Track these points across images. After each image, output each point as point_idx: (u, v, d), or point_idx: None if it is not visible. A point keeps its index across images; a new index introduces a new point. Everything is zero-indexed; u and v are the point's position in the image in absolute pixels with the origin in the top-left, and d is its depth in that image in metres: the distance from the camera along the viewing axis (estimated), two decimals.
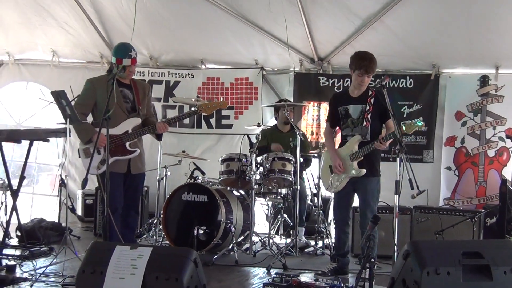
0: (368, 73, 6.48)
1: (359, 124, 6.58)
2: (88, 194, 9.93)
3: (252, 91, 10.30)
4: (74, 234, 8.42)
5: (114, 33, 10.22)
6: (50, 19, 9.98)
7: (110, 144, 6.18)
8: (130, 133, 6.51)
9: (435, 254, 4.49)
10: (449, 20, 8.47)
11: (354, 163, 6.51)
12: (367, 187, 6.56)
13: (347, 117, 6.67)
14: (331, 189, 6.80)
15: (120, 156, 6.48)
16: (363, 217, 6.55)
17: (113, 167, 6.31)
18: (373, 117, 6.56)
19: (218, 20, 9.45)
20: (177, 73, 10.61)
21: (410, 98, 9.50)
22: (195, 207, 7.77)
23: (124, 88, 6.61)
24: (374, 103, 6.56)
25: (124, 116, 6.52)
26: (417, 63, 9.45)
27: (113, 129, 6.33)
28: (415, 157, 9.31)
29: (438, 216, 7.83)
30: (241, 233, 7.96)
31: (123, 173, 6.55)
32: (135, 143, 6.60)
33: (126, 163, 6.55)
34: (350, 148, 6.56)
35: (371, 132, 6.57)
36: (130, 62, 6.48)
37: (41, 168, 11.26)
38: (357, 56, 6.59)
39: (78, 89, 6.89)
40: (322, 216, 8.35)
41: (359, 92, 6.66)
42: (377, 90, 6.70)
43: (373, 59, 6.52)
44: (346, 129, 6.69)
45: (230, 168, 7.89)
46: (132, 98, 6.66)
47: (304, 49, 9.77)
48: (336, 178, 6.71)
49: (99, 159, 6.41)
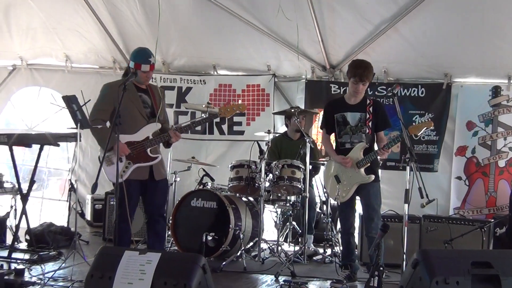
0: (362, 81, 6.52)
1: (358, 132, 6.66)
2: (97, 199, 9.93)
3: (264, 97, 10.30)
4: (83, 239, 8.42)
5: (127, 38, 10.27)
6: (64, 24, 10.06)
7: (132, 151, 6.20)
8: (151, 139, 6.35)
9: (444, 263, 4.48)
10: (462, 29, 8.45)
11: (361, 170, 6.54)
12: (370, 191, 6.59)
13: (345, 124, 6.72)
14: (339, 199, 6.75)
15: (143, 163, 6.32)
16: (368, 221, 6.57)
17: (133, 174, 6.26)
18: (372, 125, 6.65)
19: (231, 25, 9.47)
20: (189, 79, 10.60)
21: (422, 107, 9.45)
22: (204, 213, 7.79)
23: (142, 93, 6.48)
24: (373, 112, 6.64)
25: (144, 122, 6.38)
26: (429, 72, 9.40)
27: (134, 135, 6.27)
28: (426, 166, 9.27)
29: (448, 225, 7.81)
30: (249, 240, 7.97)
31: (143, 180, 6.39)
32: (156, 149, 6.46)
33: (148, 169, 6.38)
34: (356, 155, 6.58)
35: (372, 139, 6.68)
36: (148, 68, 6.35)
37: (51, 173, 11.29)
38: (353, 63, 6.67)
39: (89, 94, 6.90)
40: (331, 224, 8.32)
41: (356, 100, 6.73)
42: (374, 100, 6.84)
43: (369, 67, 6.55)
44: (344, 136, 6.74)
45: (240, 174, 7.89)
46: (151, 103, 6.52)
47: (316, 56, 9.76)
48: (343, 188, 6.70)
49: (121, 166, 6.22)
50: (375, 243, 5.23)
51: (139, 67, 6.30)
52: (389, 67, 9.49)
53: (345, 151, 6.71)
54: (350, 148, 6.67)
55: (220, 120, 10.31)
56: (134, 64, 6.33)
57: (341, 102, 6.86)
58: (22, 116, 11.13)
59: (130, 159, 6.23)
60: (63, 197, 8.66)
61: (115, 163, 5.97)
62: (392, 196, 9.03)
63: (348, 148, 6.70)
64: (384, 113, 6.77)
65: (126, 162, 6.23)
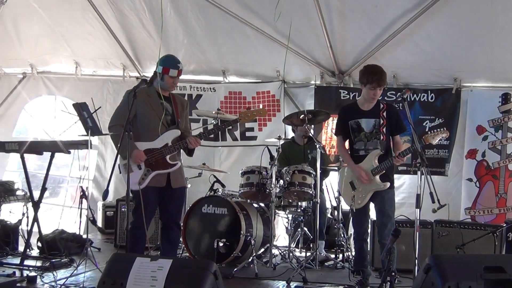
0: (380, 86, 6.51)
1: (373, 138, 6.61)
2: (108, 206, 9.95)
3: (274, 103, 10.30)
4: (95, 246, 8.45)
5: (136, 45, 10.31)
6: (73, 31, 10.10)
7: (151, 158, 6.22)
8: (170, 146, 6.34)
9: (457, 268, 4.47)
10: (472, 33, 8.45)
11: (376, 177, 6.51)
12: (385, 198, 6.56)
13: (359, 131, 6.68)
14: (355, 206, 6.70)
15: (162, 170, 6.33)
16: (382, 228, 6.54)
17: (152, 181, 6.27)
18: (387, 131, 6.62)
19: (239, 30, 9.49)
20: (199, 87, 10.63)
21: (432, 112, 9.46)
22: (215, 219, 7.79)
23: (164, 100, 6.48)
24: (387, 117, 6.62)
25: (164, 129, 6.37)
26: (438, 77, 9.38)
27: (153, 142, 6.30)
28: (437, 170, 9.28)
29: (459, 230, 7.77)
30: (261, 246, 7.95)
31: (161, 187, 6.39)
32: (175, 156, 6.45)
33: (165, 176, 6.38)
34: (370, 162, 6.55)
35: (387, 146, 6.65)
36: (176, 74, 6.39)
37: (62, 180, 11.33)
38: (368, 70, 6.65)
39: (100, 101, 6.92)
40: (342, 230, 8.30)
41: (370, 106, 6.69)
42: (388, 104, 6.78)
43: (384, 72, 6.57)
44: (358, 143, 6.69)
45: (251, 181, 7.86)
46: (172, 111, 6.52)
47: (324, 61, 9.76)
48: (359, 195, 6.68)
49: (140, 174, 6.26)
50: (387, 248, 5.23)
51: (167, 71, 6.35)
52: (398, 72, 9.48)
53: (359, 158, 6.66)
54: (364, 155, 6.62)
55: (232, 126, 10.33)
56: (162, 68, 6.37)
57: (355, 108, 6.81)
58: (43, 126, 11.11)
59: (149, 166, 6.26)
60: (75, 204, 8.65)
61: (134, 171, 6.03)
62: (403, 201, 9.03)
63: (362, 155, 6.65)
64: (399, 117, 6.74)
65: (146, 170, 6.27)
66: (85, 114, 6.63)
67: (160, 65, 6.41)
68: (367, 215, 6.81)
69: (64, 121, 10.07)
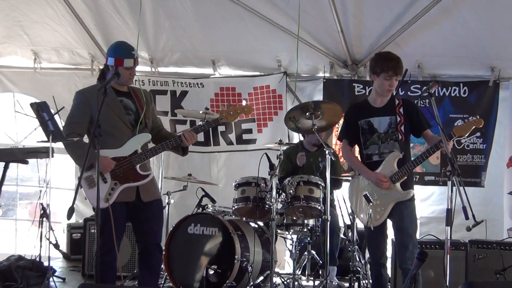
0: (397, 75, 6.47)
1: (389, 139, 6.57)
2: (75, 227, 9.95)
3: (275, 99, 10.35)
4: (58, 275, 8.45)
5: (107, 31, 10.28)
6: (31, 16, 10.06)
7: (118, 169, 6.14)
8: (140, 153, 6.25)
9: None
10: None
11: (397, 185, 6.45)
12: (404, 213, 6.47)
13: (371, 133, 6.64)
14: (372, 223, 6.58)
15: (132, 182, 6.23)
16: (402, 250, 6.45)
17: (120, 196, 6.17)
18: (406, 130, 6.58)
19: (231, 13, 9.48)
20: (183, 82, 10.64)
21: (465, 109, 9.46)
22: (204, 242, 7.78)
23: (123, 97, 6.39)
24: (405, 113, 6.58)
25: (128, 132, 6.28)
26: (472, 66, 9.41)
27: (119, 150, 6.19)
28: (472, 181, 9.27)
29: (499, 252, 7.78)
30: (259, 274, 7.95)
31: (130, 201, 6.29)
32: (145, 165, 6.36)
33: (135, 189, 6.29)
34: (389, 168, 6.50)
35: (406, 147, 6.62)
36: (132, 63, 6.26)
37: (19, 195, 11.32)
38: (381, 57, 6.65)
39: (64, 100, 6.90)
40: (358, 253, 8.29)
41: (383, 102, 6.67)
42: (404, 99, 6.78)
43: (400, 58, 6.52)
44: (371, 147, 6.65)
45: (246, 194, 7.80)
46: (135, 108, 6.42)
47: (335, 49, 9.78)
48: (377, 209, 6.59)
49: (107, 188, 6.12)
50: (411, 275, 5.22)
51: (120, 63, 6.21)
52: (424, 61, 9.50)
53: (373, 164, 6.61)
54: (379, 161, 6.57)
55: (226, 128, 10.34)
56: (114, 60, 6.23)
57: (365, 106, 6.79)
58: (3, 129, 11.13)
59: (116, 179, 6.16)
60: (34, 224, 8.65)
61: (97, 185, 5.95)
62: (431, 217, 9.02)
63: (376, 161, 6.60)
64: (421, 112, 6.67)
65: (112, 183, 6.15)
66: (45, 116, 6.57)
67: (111, 56, 6.28)
68: (384, 235, 6.74)
69: (28, 123, 10.09)
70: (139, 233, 6.53)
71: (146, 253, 6.48)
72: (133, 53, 6.32)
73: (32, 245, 7.93)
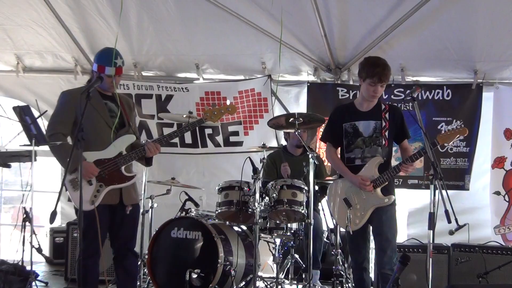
0: (382, 82, 6.45)
1: (373, 144, 6.57)
2: (58, 231, 9.91)
3: (260, 102, 10.34)
4: (41, 280, 8.42)
5: (91, 35, 10.22)
6: (14, 19, 9.99)
7: (103, 171, 6.12)
8: (125, 154, 6.26)
9: None
10: (497, 16, 8.43)
11: (377, 190, 6.46)
12: (383, 217, 6.47)
13: (355, 136, 6.64)
14: (352, 227, 6.57)
15: (117, 184, 6.24)
16: (380, 254, 6.47)
17: (104, 198, 6.15)
18: (389, 136, 6.59)
19: (216, 16, 9.42)
20: (168, 86, 10.60)
21: (448, 113, 9.49)
22: (187, 246, 7.77)
23: (107, 100, 6.42)
24: (390, 119, 6.59)
25: (112, 134, 6.27)
26: (456, 69, 9.42)
27: (104, 152, 6.19)
28: (455, 184, 9.29)
29: (482, 255, 7.80)
30: (242, 278, 7.94)
31: (114, 204, 6.30)
32: (129, 167, 6.40)
33: (118, 192, 6.30)
34: (370, 172, 6.50)
35: (389, 153, 6.64)
36: (114, 72, 6.28)
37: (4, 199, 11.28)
38: (368, 62, 6.62)
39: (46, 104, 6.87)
40: (341, 257, 8.28)
41: (369, 106, 6.67)
42: (390, 105, 6.78)
43: (387, 65, 6.51)
44: (355, 151, 6.65)
45: (229, 198, 7.80)
46: (119, 112, 6.43)
47: (318, 53, 9.77)
48: (356, 213, 6.59)
49: (92, 190, 6.11)
50: (393, 279, 5.24)
51: (102, 70, 6.26)
52: (407, 64, 9.53)
53: (355, 168, 6.60)
54: (361, 165, 6.57)
55: (213, 131, 10.34)
56: (97, 66, 6.30)
57: (351, 109, 6.78)
58: None
59: (101, 181, 6.15)
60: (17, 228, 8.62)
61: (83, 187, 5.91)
62: (413, 221, 9.04)
63: (358, 165, 6.60)
64: (403, 121, 6.71)
65: (97, 185, 6.14)
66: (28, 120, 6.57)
67: (95, 62, 6.37)
68: (365, 239, 6.73)
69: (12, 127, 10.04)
70: (114, 238, 6.51)
71: (120, 257, 6.50)
72: (116, 61, 6.30)
73: (15, 250, 7.92)
